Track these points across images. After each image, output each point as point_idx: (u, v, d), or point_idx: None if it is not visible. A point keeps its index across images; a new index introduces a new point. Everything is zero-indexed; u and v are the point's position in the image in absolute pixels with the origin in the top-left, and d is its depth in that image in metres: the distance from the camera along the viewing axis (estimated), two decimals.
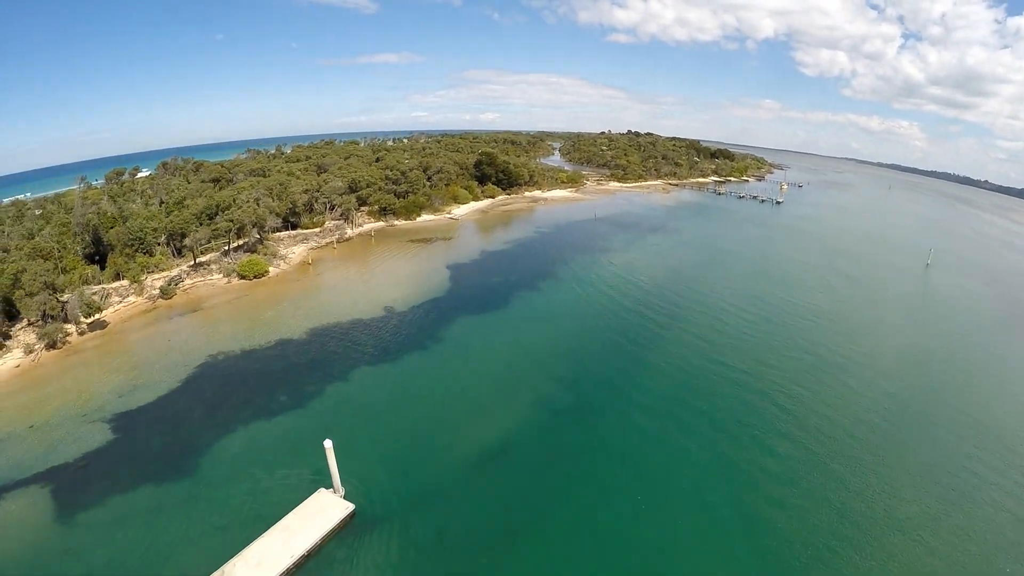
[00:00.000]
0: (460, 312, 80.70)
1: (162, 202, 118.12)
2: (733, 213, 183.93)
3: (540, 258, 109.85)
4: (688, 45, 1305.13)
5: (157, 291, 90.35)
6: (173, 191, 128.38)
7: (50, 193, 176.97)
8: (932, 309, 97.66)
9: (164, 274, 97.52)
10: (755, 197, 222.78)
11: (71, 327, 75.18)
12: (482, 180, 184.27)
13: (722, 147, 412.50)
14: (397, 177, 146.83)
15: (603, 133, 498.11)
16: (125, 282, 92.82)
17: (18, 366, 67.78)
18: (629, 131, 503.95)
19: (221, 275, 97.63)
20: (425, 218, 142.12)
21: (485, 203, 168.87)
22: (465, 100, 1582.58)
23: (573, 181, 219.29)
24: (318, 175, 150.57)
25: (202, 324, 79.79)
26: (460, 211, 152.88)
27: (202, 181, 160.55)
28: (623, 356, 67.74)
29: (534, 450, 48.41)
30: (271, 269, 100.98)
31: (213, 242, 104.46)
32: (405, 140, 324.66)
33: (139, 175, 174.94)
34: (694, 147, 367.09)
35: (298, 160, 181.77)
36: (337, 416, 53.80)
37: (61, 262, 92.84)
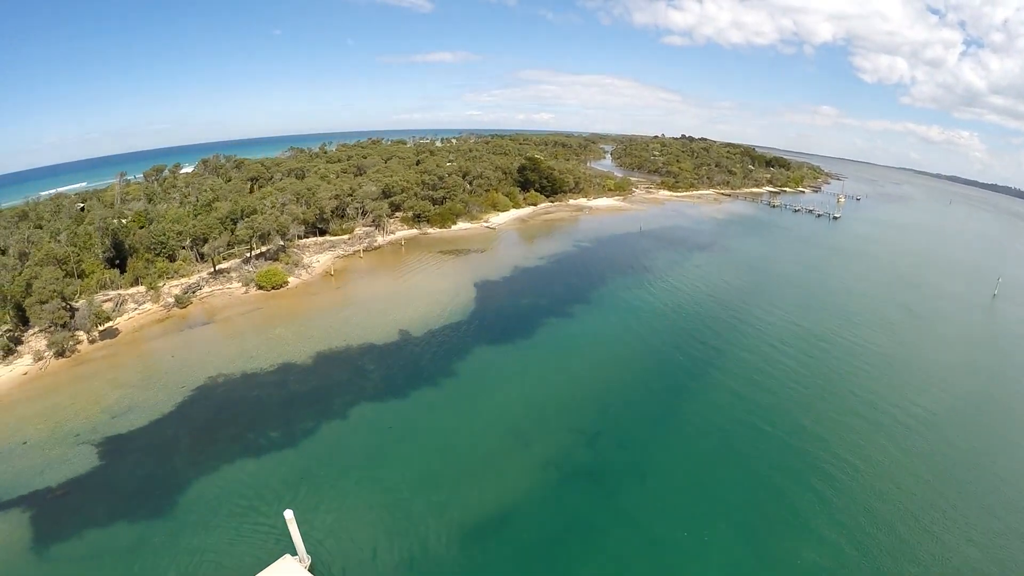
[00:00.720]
0: (480, 340, 77.13)
1: (193, 203, 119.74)
2: (787, 230, 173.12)
3: (575, 278, 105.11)
4: (744, 48, 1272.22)
5: (172, 299, 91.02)
6: (205, 191, 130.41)
7: (100, 185, 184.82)
8: (1001, 352, 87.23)
9: (183, 281, 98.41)
10: (811, 211, 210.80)
11: (82, 334, 76.00)
12: (525, 186, 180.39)
13: (778, 155, 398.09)
14: (434, 182, 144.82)
15: (656, 137, 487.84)
16: (142, 288, 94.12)
17: (26, 373, 68.57)
18: (683, 136, 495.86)
19: (240, 284, 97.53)
20: (461, 226, 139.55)
21: (526, 211, 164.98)
22: (519, 100, 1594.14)
23: (621, 189, 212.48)
24: (355, 176, 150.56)
25: (209, 339, 79.13)
26: (499, 220, 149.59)
27: (243, 180, 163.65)
28: (649, 408, 62.37)
29: (540, 521, 44.03)
30: (291, 279, 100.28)
31: (236, 248, 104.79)
32: (453, 140, 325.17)
33: (182, 171, 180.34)
34: (749, 154, 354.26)
35: (339, 160, 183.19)
36: (326, 461, 51.01)
37: (79, 266, 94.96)
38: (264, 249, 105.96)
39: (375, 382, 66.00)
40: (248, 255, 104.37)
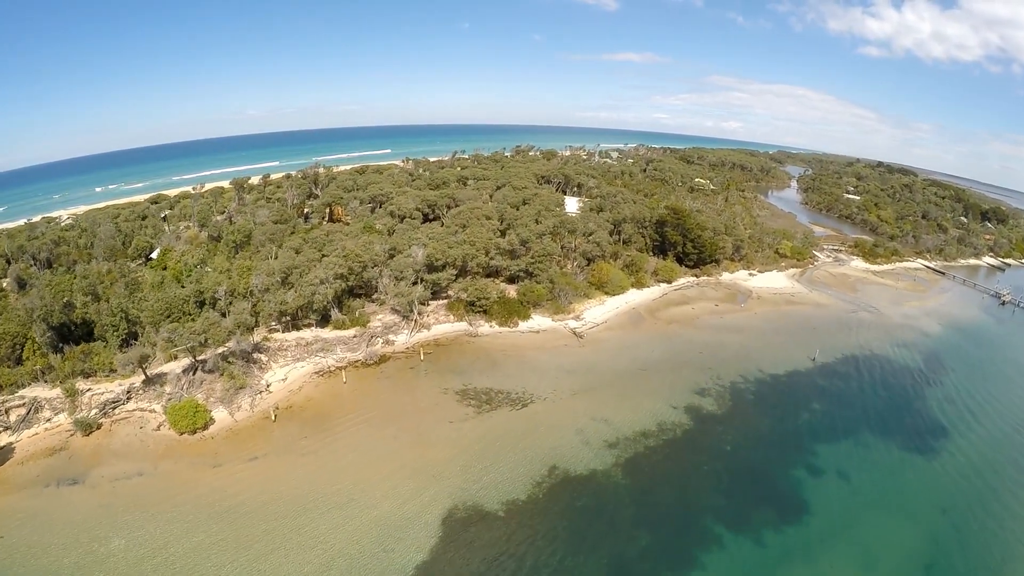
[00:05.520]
0: None
1: (186, 262, 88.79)
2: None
3: (645, 530, 52.38)
4: (945, 64, 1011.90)
5: (74, 425, 62.72)
6: (233, 232, 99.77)
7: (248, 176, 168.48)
8: None
9: (112, 387, 68.16)
10: None
11: None
12: (663, 249, 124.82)
13: (977, 188, 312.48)
14: (515, 247, 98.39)
15: (850, 164, 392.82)
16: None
17: None
18: (880, 164, 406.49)
19: (162, 410, 64.67)
20: (535, 324, 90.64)
21: (652, 294, 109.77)
22: (708, 106, 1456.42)
23: (799, 256, 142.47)
24: (418, 227, 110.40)
25: (44, 525, 50.92)
26: (599, 313, 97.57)
27: (322, 204, 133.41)
28: None
29: None
30: (219, 415, 64.62)
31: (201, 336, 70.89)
32: (614, 155, 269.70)
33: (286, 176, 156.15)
34: (960, 198, 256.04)
35: (442, 184, 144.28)
36: None
37: (15, 351, 71.47)
38: (206, 356, 70.18)
39: None
40: (193, 364, 69.62)
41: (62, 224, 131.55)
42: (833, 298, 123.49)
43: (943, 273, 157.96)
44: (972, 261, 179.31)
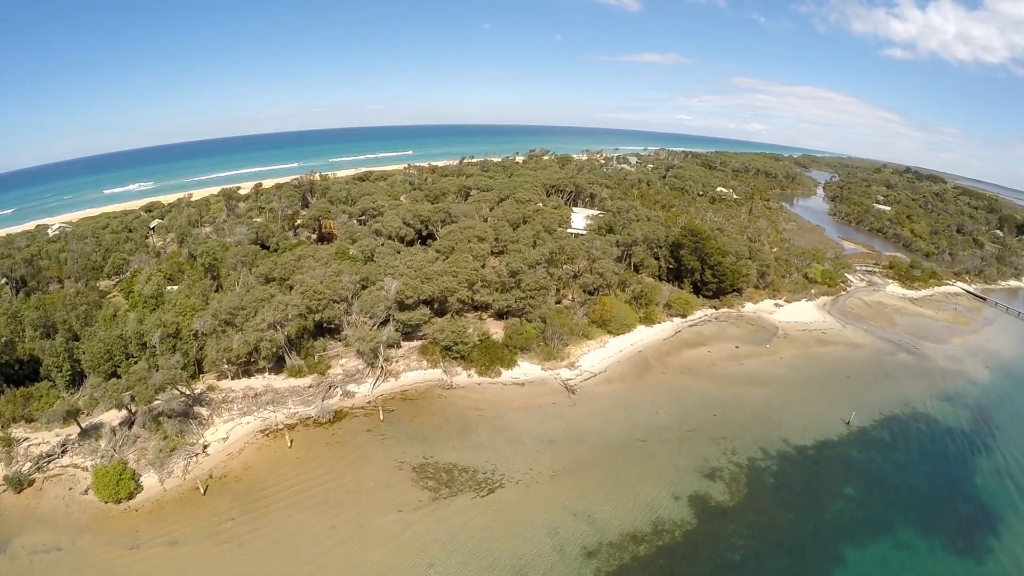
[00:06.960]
0: None
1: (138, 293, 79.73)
2: None
3: None
4: (971, 66, 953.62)
5: (11, 477, 55.56)
6: (207, 251, 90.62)
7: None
8: None
9: (53, 434, 60.89)
10: None
11: None
12: (678, 275, 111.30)
13: (1014, 201, 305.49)
14: (504, 279, 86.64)
15: (878, 170, 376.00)
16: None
17: None
18: (908, 170, 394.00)
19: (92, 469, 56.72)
20: (521, 372, 78.08)
21: (662, 332, 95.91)
22: (731, 108, 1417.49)
23: (829, 281, 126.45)
24: (401, 249, 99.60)
25: None
26: (597, 357, 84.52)
27: (311, 217, 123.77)
28: None
29: None
30: (148, 482, 56.25)
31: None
32: (633, 160, 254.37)
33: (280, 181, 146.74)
34: (994, 209, 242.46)
35: (443, 194, 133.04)
36: None
37: None
38: (147, 409, 60.87)
39: None
40: (129, 416, 60.65)
41: (50, 234, 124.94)
42: (869, 334, 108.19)
43: (984, 299, 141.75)
44: (1012, 283, 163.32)
